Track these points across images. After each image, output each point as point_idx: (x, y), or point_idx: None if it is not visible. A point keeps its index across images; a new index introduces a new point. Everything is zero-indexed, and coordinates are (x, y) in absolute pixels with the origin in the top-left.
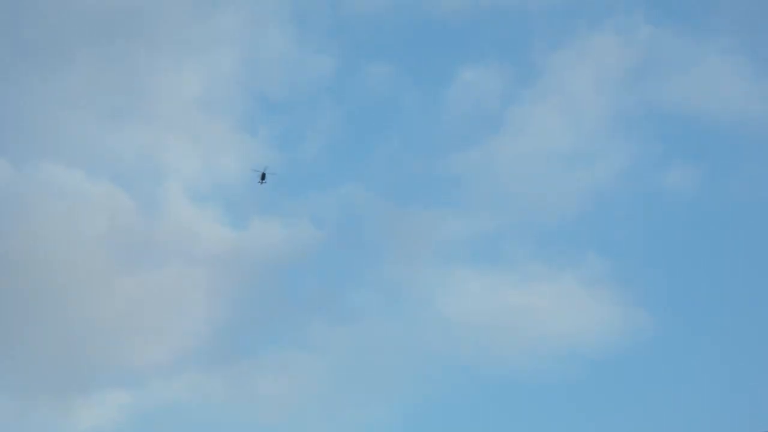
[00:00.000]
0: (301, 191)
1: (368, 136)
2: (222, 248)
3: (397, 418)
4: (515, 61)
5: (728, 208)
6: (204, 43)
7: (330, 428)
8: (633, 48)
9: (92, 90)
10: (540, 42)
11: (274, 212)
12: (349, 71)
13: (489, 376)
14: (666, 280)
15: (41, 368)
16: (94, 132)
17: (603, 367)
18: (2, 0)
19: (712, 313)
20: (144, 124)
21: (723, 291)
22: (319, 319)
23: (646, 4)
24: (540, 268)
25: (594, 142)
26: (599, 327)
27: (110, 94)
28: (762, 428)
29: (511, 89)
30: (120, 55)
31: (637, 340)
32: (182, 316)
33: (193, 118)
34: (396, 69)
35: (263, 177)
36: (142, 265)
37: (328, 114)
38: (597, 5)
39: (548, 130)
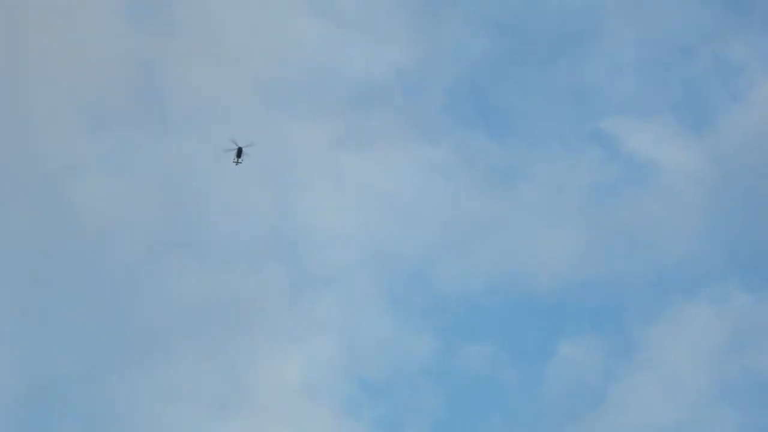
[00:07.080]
0: None
1: (470, 416)
2: None
3: None
4: (613, 335)
5: None
6: (303, 330)
7: None
8: (729, 316)
9: (195, 382)
10: (636, 315)
11: None
12: (447, 351)
13: None
14: None
15: None
16: (199, 424)
17: None
18: (100, 293)
19: None
20: (247, 414)
21: None
22: None
23: (739, 272)
24: None
25: (697, 414)
26: None
27: (213, 385)
28: None
29: (610, 363)
30: (220, 346)
31: None
32: None
33: (296, 406)
34: (494, 347)
35: (239, 154)
36: None
37: (430, 395)
38: (689, 276)
39: (650, 403)
